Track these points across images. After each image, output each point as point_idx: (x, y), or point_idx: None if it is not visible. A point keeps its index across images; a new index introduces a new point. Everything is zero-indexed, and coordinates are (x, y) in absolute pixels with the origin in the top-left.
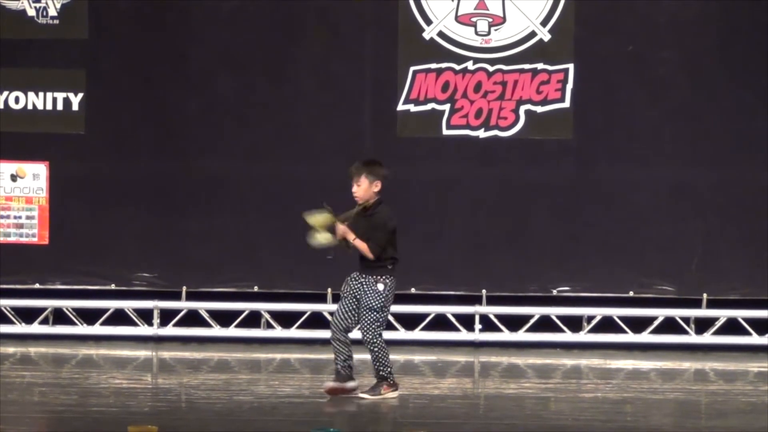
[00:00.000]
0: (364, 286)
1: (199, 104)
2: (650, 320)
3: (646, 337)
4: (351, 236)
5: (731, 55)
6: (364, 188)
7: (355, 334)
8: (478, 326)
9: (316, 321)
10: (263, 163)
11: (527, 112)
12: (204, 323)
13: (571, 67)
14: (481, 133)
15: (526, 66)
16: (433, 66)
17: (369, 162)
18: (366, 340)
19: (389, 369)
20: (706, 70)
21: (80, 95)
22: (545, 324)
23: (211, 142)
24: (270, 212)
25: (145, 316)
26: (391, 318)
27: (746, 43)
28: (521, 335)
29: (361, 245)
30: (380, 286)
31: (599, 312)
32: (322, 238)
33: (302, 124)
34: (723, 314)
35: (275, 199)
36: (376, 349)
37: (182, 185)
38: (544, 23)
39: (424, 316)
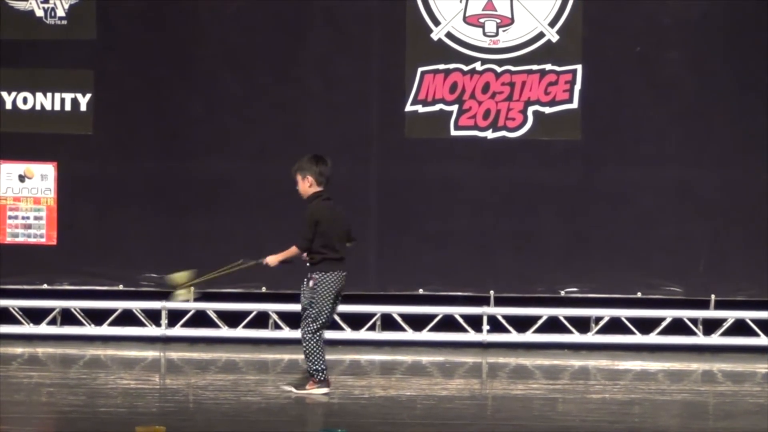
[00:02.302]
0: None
1: (206, 104)
2: (658, 321)
3: (653, 338)
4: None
5: (738, 56)
6: (300, 186)
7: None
8: (485, 327)
9: None
10: (270, 163)
11: (535, 113)
12: (212, 324)
13: (579, 68)
14: (489, 134)
15: (534, 67)
16: (441, 67)
17: (303, 159)
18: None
19: (320, 367)
20: (713, 71)
21: (88, 96)
22: (553, 325)
23: (218, 142)
24: (277, 212)
25: (153, 316)
26: (398, 319)
27: (752, 43)
28: (529, 336)
29: (282, 255)
30: (311, 283)
31: (607, 313)
32: (181, 296)
33: (309, 125)
34: (731, 315)
35: (282, 199)
36: (304, 345)
37: (190, 186)
38: (552, 24)
39: (431, 317)
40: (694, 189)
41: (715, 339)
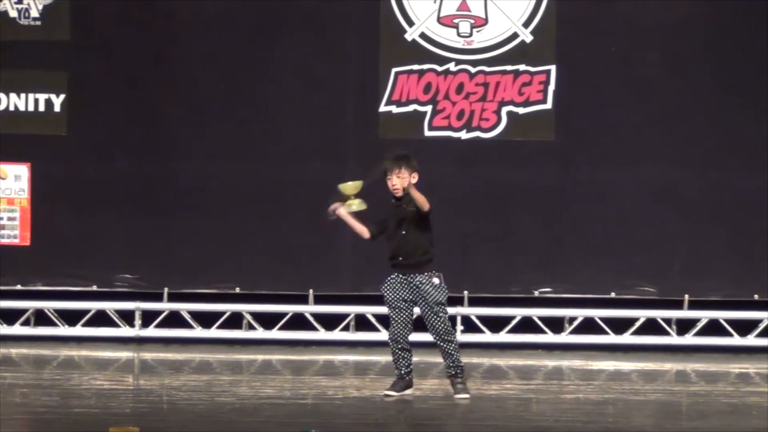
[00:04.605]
0: (422, 285)
1: (182, 106)
2: (632, 321)
3: (627, 338)
4: (412, 189)
5: (716, 56)
6: (407, 181)
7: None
8: (459, 327)
9: (298, 322)
10: (246, 164)
11: (509, 114)
12: (185, 324)
13: (553, 68)
14: (463, 135)
15: (508, 67)
16: (415, 67)
17: (405, 156)
18: (446, 333)
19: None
20: (691, 71)
21: (62, 96)
22: (527, 325)
23: (194, 143)
24: (252, 213)
25: (127, 317)
26: (372, 319)
27: (732, 44)
28: (503, 336)
29: (419, 195)
30: (436, 280)
31: (581, 313)
32: (355, 205)
33: (285, 126)
34: (704, 315)
35: (257, 200)
36: (456, 340)
37: (164, 186)
38: (526, 24)
39: None
40: (669, 190)
41: (689, 339)
